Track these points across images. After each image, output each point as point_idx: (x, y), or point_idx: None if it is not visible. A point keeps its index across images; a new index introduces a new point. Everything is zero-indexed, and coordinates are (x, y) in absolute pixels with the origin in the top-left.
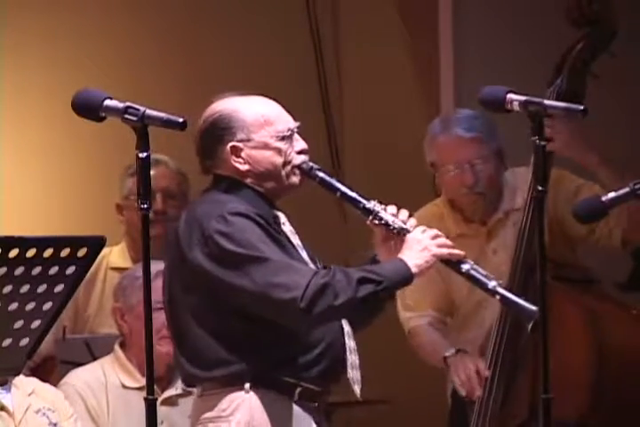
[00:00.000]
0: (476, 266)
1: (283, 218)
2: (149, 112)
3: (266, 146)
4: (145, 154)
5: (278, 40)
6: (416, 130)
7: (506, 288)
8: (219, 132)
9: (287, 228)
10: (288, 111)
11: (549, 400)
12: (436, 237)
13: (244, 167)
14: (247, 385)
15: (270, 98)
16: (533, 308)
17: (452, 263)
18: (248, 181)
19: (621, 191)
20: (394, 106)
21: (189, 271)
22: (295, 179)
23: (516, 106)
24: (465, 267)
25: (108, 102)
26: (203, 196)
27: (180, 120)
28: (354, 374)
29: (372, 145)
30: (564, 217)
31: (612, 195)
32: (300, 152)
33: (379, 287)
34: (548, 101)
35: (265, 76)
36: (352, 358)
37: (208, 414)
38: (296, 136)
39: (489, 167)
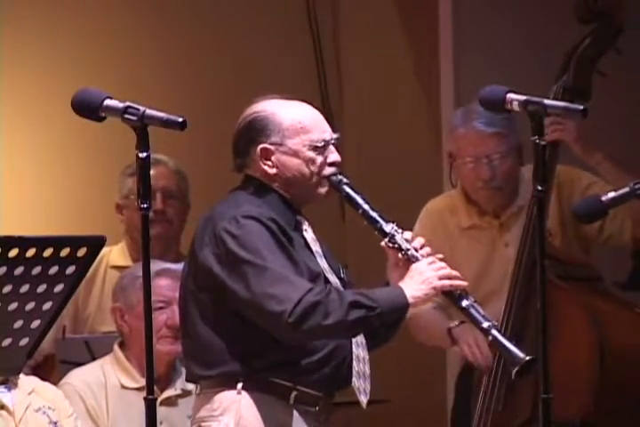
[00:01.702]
0: (475, 304)
1: (305, 225)
2: (149, 112)
3: (296, 153)
4: (145, 154)
5: (278, 40)
6: (416, 130)
7: (499, 331)
8: (253, 133)
9: (309, 235)
10: (328, 121)
11: (549, 400)
12: (440, 269)
13: (272, 171)
14: (239, 386)
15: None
16: (521, 355)
17: (452, 297)
18: (275, 185)
19: (621, 191)
20: (394, 106)
21: (198, 268)
22: (322, 190)
23: (515, 106)
24: (465, 303)
25: (107, 102)
26: (228, 195)
27: (180, 120)
28: (360, 383)
29: (372, 145)
30: None
31: (611, 195)
32: (332, 164)
33: (370, 313)
34: (547, 101)
35: (265, 76)
36: (359, 367)
37: (201, 414)
38: (331, 147)
39: (506, 162)
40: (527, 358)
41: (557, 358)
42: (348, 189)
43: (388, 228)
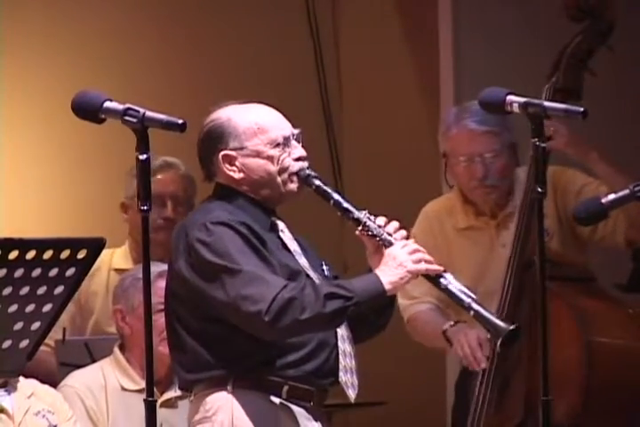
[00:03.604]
0: (454, 281)
1: (281, 225)
2: (149, 114)
3: (259, 154)
4: (145, 156)
5: (278, 40)
6: (416, 131)
7: (481, 305)
8: (212, 141)
9: (286, 235)
10: (287, 117)
11: (549, 402)
12: (414, 251)
13: (239, 175)
14: (230, 386)
15: (269, 101)
16: (503, 326)
17: (430, 277)
18: (244, 188)
19: (621, 193)
20: (393, 106)
21: (175, 278)
22: (293, 186)
23: (515, 108)
24: (443, 282)
25: (107, 104)
26: (201, 204)
27: (180, 122)
28: (347, 378)
29: (372, 146)
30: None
31: (611, 197)
32: (297, 159)
33: (347, 303)
34: (547, 103)
35: (265, 76)
36: (345, 362)
37: (196, 417)
38: (294, 143)
39: (500, 160)
40: (510, 327)
41: None
42: (317, 182)
43: (360, 215)
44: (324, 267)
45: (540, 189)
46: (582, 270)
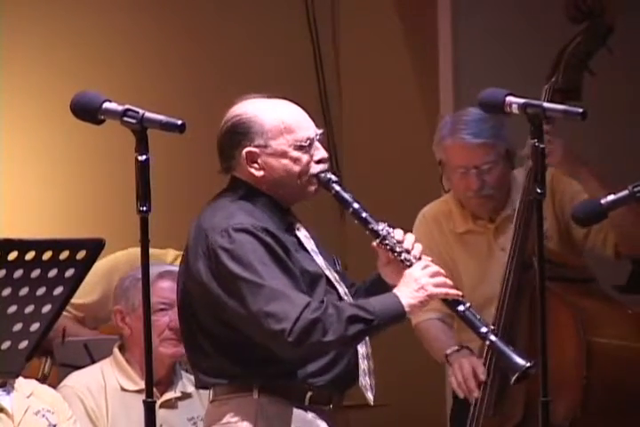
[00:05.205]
0: (471, 309)
1: (297, 224)
2: (148, 115)
3: (283, 154)
4: (144, 157)
5: (278, 41)
6: (415, 132)
7: (498, 336)
8: (237, 136)
9: (302, 233)
10: (311, 117)
11: (548, 403)
12: (435, 274)
13: (260, 173)
14: (256, 392)
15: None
16: (521, 362)
17: (448, 302)
18: (263, 187)
19: (620, 194)
20: (393, 107)
21: (192, 281)
22: (312, 188)
23: (514, 109)
24: (461, 308)
25: (106, 105)
26: (217, 199)
27: (179, 123)
28: (366, 380)
29: (371, 146)
30: (569, 218)
31: (611, 197)
32: (318, 161)
33: (369, 326)
34: (547, 104)
35: (264, 77)
36: (365, 365)
37: (221, 420)
38: (316, 144)
39: (496, 171)
40: (527, 364)
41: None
42: (337, 188)
43: (380, 228)
44: (337, 262)
45: (538, 190)
46: (582, 271)
